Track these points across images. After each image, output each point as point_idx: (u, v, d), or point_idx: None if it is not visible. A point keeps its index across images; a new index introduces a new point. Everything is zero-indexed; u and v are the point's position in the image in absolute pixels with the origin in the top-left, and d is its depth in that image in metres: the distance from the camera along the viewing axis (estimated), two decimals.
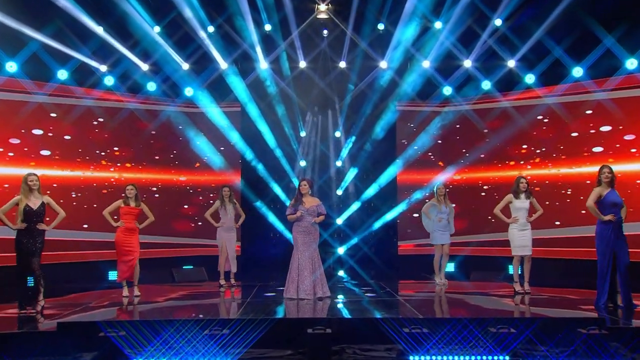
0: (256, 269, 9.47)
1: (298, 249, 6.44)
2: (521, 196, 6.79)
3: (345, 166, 10.02)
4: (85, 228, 8.52)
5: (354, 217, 9.96)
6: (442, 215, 7.60)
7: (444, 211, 7.61)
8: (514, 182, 6.90)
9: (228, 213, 7.74)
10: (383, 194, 9.82)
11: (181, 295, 7.28)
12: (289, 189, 9.70)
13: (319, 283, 6.38)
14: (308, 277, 6.30)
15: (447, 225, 7.62)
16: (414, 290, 7.74)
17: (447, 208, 7.60)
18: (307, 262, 6.36)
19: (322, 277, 6.47)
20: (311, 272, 6.34)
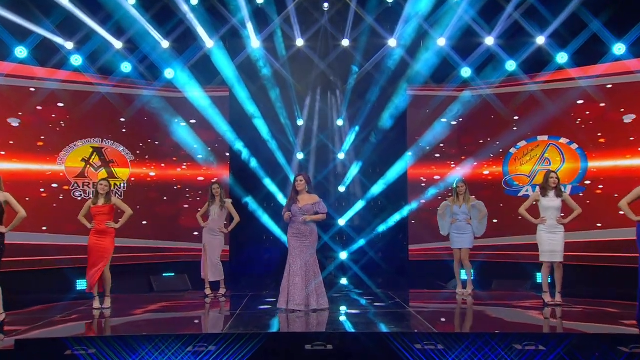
0: (247, 276, 9.44)
1: (291, 254, 6.41)
2: (550, 194, 6.73)
3: (348, 159, 10.03)
4: (45, 230, 8.49)
5: (359, 218, 9.97)
6: (456, 216, 7.56)
7: (458, 211, 7.56)
8: (542, 177, 6.82)
9: (213, 214, 7.71)
10: (392, 191, 9.80)
11: (161, 307, 7.29)
12: (285, 185, 9.67)
13: (313, 294, 6.34)
14: (300, 287, 6.27)
15: (464, 226, 7.55)
16: (428, 301, 7.75)
17: (464, 207, 7.55)
18: (300, 269, 6.33)
19: (320, 287, 6.44)
20: (304, 280, 6.31)
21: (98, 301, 6.78)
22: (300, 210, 6.40)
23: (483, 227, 7.64)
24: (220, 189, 7.75)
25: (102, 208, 6.74)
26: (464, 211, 7.56)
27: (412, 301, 7.72)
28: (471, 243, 7.60)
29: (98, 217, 6.71)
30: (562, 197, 6.75)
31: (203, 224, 7.74)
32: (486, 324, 6.00)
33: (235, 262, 9.56)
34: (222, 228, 7.73)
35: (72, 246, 8.20)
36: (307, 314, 6.18)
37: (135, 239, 9.09)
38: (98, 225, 6.68)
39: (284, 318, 6.08)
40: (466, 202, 7.57)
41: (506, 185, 9.45)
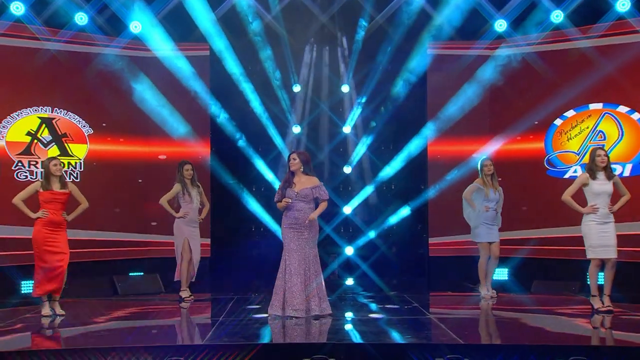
0: (231, 276, 9.43)
1: (286, 250, 6.50)
2: (599, 175, 6.72)
3: (355, 134, 9.98)
4: None
5: (368, 205, 9.94)
6: (489, 204, 7.56)
7: (493, 198, 7.57)
8: (589, 155, 6.89)
9: (193, 200, 7.74)
10: (408, 173, 9.77)
11: (126, 313, 7.31)
12: (278, 165, 9.68)
13: (314, 297, 6.42)
14: (298, 288, 6.34)
15: (495, 217, 7.65)
16: (452, 306, 7.86)
17: (496, 193, 7.53)
18: (298, 267, 6.39)
19: (321, 289, 6.52)
20: (303, 281, 6.39)
21: (48, 307, 6.81)
22: (297, 196, 6.45)
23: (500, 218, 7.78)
24: (193, 170, 7.85)
25: (61, 195, 6.75)
26: (496, 198, 7.64)
27: (433, 306, 7.81)
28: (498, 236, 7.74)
29: (53, 206, 6.71)
30: (612, 180, 6.73)
31: (176, 214, 7.72)
32: (523, 335, 6.03)
33: (217, 259, 9.50)
34: (200, 218, 7.82)
35: (15, 240, 8.16)
36: (307, 321, 6.23)
37: (94, 231, 9.06)
38: (53, 215, 6.61)
39: (277, 326, 6.13)
40: (494, 186, 7.61)
41: (549, 164, 9.39)
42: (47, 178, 6.76)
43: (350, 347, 5.19)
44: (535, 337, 5.82)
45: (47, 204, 6.71)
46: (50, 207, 6.68)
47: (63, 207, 6.75)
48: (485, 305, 7.41)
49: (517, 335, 6.04)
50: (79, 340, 5.84)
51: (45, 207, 6.69)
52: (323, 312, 6.43)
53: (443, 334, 5.61)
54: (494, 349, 4.99)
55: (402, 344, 5.15)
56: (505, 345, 5.04)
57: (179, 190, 7.80)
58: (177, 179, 7.85)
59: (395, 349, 5.05)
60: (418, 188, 9.82)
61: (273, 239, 9.17)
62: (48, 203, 6.70)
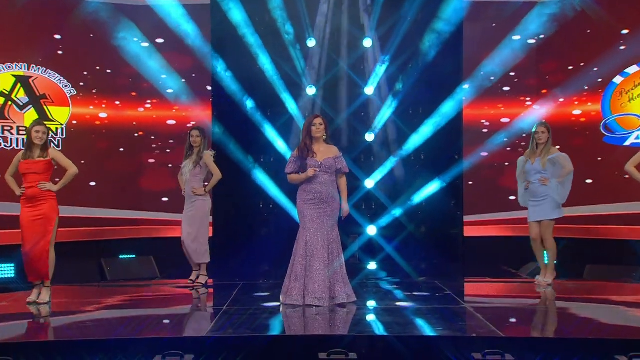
0: (237, 258, 9.47)
1: (306, 228, 6.49)
2: None
3: (379, 96, 9.96)
4: None
5: (393, 178, 9.97)
6: (528, 177, 7.61)
7: (532, 169, 7.57)
8: None
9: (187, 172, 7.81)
10: (440, 141, 9.72)
11: (117, 301, 7.40)
12: (290, 131, 9.68)
13: (339, 281, 6.48)
14: (321, 273, 6.36)
15: (540, 190, 7.58)
16: (491, 294, 7.84)
17: (537, 163, 7.58)
18: (320, 248, 6.41)
19: (343, 272, 6.58)
20: (326, 264, 6.40)
21: (35, 293, 6.84)
22: (322, 166, 6.49)
23: (566, 191, 7.63)
24: (202, 136, 7.85)
25: (35, 164, 6.72)
26: (536, 168, 7.57)
27: (469, 294, 7.82)
28: (554, 212, 7.61)
29: (30, 178, 6.69)
30: None
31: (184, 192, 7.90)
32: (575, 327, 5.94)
33: (221, 239, 9.56)
34: (196, 190, 7.79)
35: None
36: (325, 310, 6.26)
37: (79, 207, 9.10)
38: (28, 188, 6.60)
39: (289, 316, 6.15)
40: (542, 155, 7.57)
41: (607, 130, 9.35)
42: (29, 146, 6.73)
43: (372, 339, 5.16)
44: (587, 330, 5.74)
45: (24, 176, 6.69)
46: (27, 180, 6.68)
47: (41, 177, 6.71)
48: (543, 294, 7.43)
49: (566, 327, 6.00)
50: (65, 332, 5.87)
51: (24, 180, 6.68)
52: (349, 298, 6.51)
53: (480, 326, 5.60)
54: (540, 343, 4.98)
55: (432, 337, 5.14)
56: (553, 339, 5.05)
57: None
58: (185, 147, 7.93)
59: (425, 342, 5.05)
60: (451, 158, 9.81)
61: (284, 216, 9.25)
62: (25, 175, 6.68)
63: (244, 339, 5.01)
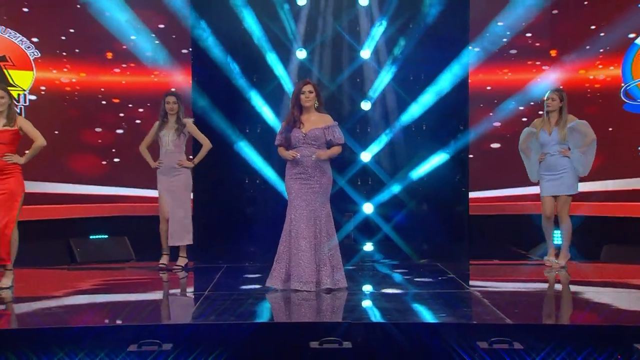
0: (220, 240, 9.50)
1: (293, 206, 6.49)
2: None
3: (376, 60, 9.92)
4: None
5: (392, 151, 9.98)
6: (545, 148, 7.56)
7: (547, 139, 7.55)
8: None
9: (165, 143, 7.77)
10: (443, 109, 9.71)
11: (89, 286, 7.40)
12: (278, 99, 9.67)
13: (326, 265, 6.46)
14: (306, 255, 6.37)
15: (559, 162, 7.57)
16: (498, 278, 7.87)
17: (555, 133, 7.55)
18: (306, 228, 6.40)
19: (335, 256, 6.56)
20: (313, 246, 6.41)
21: None
22: (306, 138, 6.42)
23: (589, 162, 7.62)
24: (178, 103, 7.80)
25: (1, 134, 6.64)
26: (555, 138, 7.51)
27: (475, 278, 7.82)
28: (573, 187, 7.62)
29: None
30: None
31: (153, 164, 7.82)
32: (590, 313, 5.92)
33: (202, 218, 9.50)
34: (183, 162, 7.75)
35: None
36: (316, 295, 6.24)
37: (45, 182, 9.10)
38: None
39: (279, 302, 6.16)
40: (560, 125, 7.52)
41: (627, 97, 9.34)
42: None
43: (369, 327, 5.16)
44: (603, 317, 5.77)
45: None
46: None
47: (7, 149, 6.69)
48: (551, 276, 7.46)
49: (580, 313, 6.02)
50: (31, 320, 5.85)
51: None
52: (337, 284, 6.46)
53: (487, 312, 5.60)
54: (551, 330, 4.97)
55: (434, 324, 5.15)
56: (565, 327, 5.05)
57: (156, 130, 7.80)
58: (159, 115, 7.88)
59: (426, 330, 5.02)
60: (456, 129, 9.80)
61: (273, 193, 9.27)
62: None
63: (227, 326, 4.98)
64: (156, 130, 7.81)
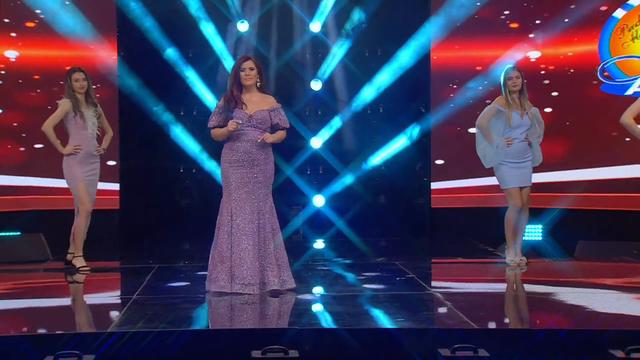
0: (151, 236, 9.52)
1: (231, 197, 6.46)
2: None
3: (327, 34, 10.00)
4: None
5: (345, 136, 10.08)
6: (514, 132, 7.61)
7: (518, 124, 7.59)
8: None
9: (87, 124, 7.69)
10: (402, 89, 9.84)
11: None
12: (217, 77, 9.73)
13: (272, 264, 6.46)
14: (249, 253, 6.34)
15: (525, 149, 7.63)
16: (462, 278, 7.84)
17: (524, 117, 7.61)
18: (247, 222, 6.39)
19: (281, 254, 6.59)
20: (257, 243, 6.39)
21: None
22: (251, 120, 6.39)
23: (539, 151, 7.81)
24: (87, 80, 7.71)
25: None
26: (526, 122, 7.62)
27: (437, 278, 7.87)
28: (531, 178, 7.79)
29: None
30: None
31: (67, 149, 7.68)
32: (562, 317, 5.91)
33: (130, 213, 9.60)
34: (99, 148, 7.81)
35: None
36: (261, 298, 6.22)
37: None
38: None
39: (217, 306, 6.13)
40: (525, 106, 7.63)
41: (604, 76, 9.41)
42: None
43: (319, 333, 5.14)
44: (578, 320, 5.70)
45: None
46: None
47: None
48: (513, 276, 7.46)
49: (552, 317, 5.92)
50: None
51: None
52: (284, 285, 6.45)
53: (450, 316, 5.67)
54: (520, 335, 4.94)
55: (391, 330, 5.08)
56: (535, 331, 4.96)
57: (68, 110, 7.65)
58: (65, 94, 7.72)
59: (382, 335, 5.02)
60: (416, 111, 9.90)
61: (210, 183, 9.25)
62: None
63: (157, 334, 4.86)
64: (68, 109, 7.64)
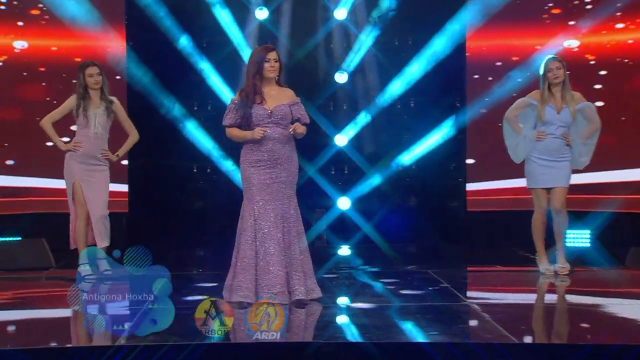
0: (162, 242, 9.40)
1: (253, 200, 6.44)
2: None
3: (354, 22, 10.05)
4: None
5: (373, 133, 10.14)
6: (547, 127, 7.60)
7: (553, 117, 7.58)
8: None
9: (89, 123, 7.66)
10: (435, 82, 9.88)
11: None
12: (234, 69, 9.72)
13: (297, 271, 6.45)
14: (276, 260, 6.33)
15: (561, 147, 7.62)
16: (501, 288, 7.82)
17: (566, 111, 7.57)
18: (272, 227, 6.38)
19: (306, 260, 6.59)
20: (281, 248, 6.37)
21: None
22: (272, 116, 6.37)
23: (589, 152, 7.72)
24: (102, 75, 7.68)
25: None
26: (564, 118, 7.56)
27: (473, 287, 7.95)
28: (569, 179, 7.70)
29: None
30: None
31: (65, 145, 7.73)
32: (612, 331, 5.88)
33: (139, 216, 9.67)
34: (108, 154, 7.72)
35: None
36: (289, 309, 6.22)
37: None
38: None
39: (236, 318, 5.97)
40: (567, 101, 7.54)
41: None
42: None
43: (344, 348, 5.13)
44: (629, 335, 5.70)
45: None
46: None
47: None
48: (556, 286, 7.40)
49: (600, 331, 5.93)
50: None
51: None
52: (309, 294, 6.44)
53: (488, 329, 5.62)
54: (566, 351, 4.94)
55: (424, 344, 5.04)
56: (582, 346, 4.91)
57: (72, 107, 7.65)
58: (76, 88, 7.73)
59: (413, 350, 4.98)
60: (451, 105, 9.95)
61: (227, 184, 9.42)
62: None
63: (170, 348, 4.93)
64: (73, 106, 7.65)
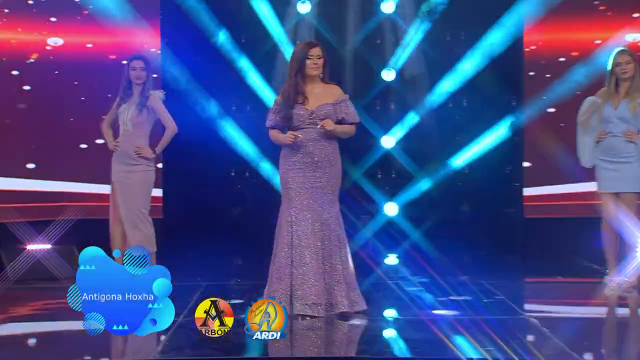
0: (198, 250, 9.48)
1: (291, 205, 6.48)
2: None
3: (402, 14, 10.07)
4: None
5: (422, 134, 10.11)
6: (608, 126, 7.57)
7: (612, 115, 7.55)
8: None
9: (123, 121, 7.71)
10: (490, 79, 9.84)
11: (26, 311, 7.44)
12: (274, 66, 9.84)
13: (340, 282, 6.48)
14: (313, 269, 6.37)
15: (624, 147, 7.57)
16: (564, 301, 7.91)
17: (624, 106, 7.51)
18: (310, 234, 6.42)
19: (349, 270, 6.60)
20: (319, 257, 6.41)
21: None
22: (313, 116, 6.40)
23: None
24: (147, 69, 7.77)
25: None
26: (622, 115, 7.51)
27: (531, 300, 8.07)
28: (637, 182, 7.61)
29: None
30: None
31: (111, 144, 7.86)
32: None
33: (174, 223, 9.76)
34: (142, 149, 7.73)
35: None
36: (327, 322, 6.25)
37: None
38: None
39: None
40: (631, 97, 7.52)
41: None
42: None
43: None
44: None
45: None
46: None
47: None
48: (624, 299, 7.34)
49: None
50: None
51: None
52: (353, 306, 6.44)
53: (548, 345, 5.62)
54: None
55: None
56: None
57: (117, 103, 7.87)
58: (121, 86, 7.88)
59: None
60: (506, 104, 9.95)
61: (266, 188, 9.46)
62: None
63: None
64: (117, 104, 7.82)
